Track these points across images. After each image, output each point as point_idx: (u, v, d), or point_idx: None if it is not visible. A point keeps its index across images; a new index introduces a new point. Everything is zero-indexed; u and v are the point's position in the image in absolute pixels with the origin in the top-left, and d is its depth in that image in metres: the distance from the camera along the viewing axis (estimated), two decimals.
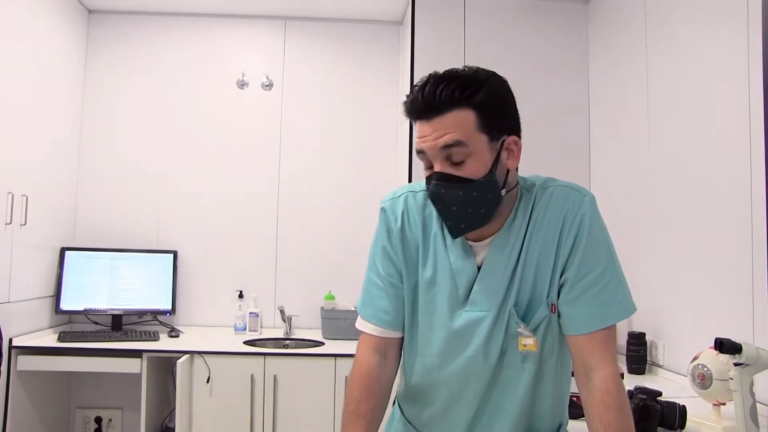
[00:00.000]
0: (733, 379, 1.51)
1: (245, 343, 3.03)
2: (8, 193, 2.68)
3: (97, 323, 3.24)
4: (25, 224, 2.80)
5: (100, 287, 3.18)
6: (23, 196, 2.79)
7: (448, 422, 1.20)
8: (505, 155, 1.09)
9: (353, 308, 3.19)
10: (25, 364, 2.75)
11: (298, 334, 3.28)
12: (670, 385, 2.21)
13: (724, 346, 1.49)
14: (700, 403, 1.73)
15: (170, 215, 3.43)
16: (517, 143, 1.10)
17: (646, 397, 1.59)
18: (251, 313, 3.29)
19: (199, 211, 3.44)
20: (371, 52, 3.56)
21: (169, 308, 3.26)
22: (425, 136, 1.07)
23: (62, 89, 3.22)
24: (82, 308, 3.14)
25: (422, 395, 1.23)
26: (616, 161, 2.88)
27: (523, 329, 1.12)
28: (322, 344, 3.07)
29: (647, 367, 2.49)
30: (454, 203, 1.08)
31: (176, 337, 3.11)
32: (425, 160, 1.11)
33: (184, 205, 3.44)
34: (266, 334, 3.28)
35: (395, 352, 1.23)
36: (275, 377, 2.80)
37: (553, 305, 1.12)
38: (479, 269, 1.15)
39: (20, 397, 2.78)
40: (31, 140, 2.89)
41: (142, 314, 3.29)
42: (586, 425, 1.07)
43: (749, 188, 1.93)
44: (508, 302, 1.13)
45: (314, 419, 2.79)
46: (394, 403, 1.34)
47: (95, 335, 2.96)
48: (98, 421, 3.27)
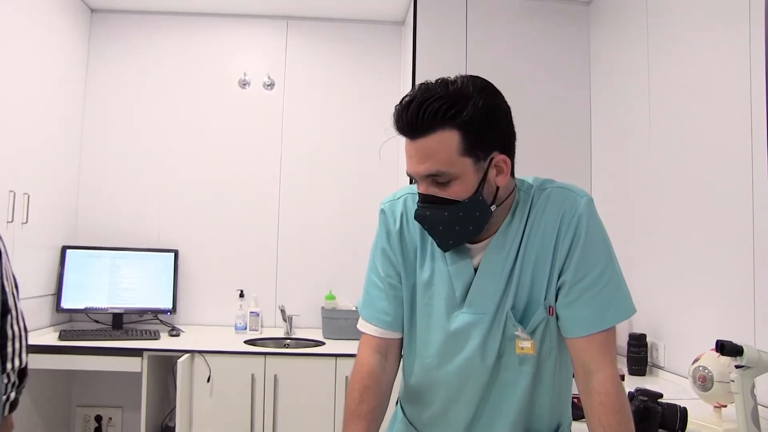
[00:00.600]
0: (734, 381, 1.50)
1: (246, 342, 3.03)
2: (10, 191, 2.69)
3: (97, 322, 3.24)
4: (26, 222, 2.81)
5: (100, 286, 3.18)
6: (25, 194, 2.79)
7: (447, 423, 1.20)
8: (493, 173, 1.07)
9: (354, 308, 3.19)
10: None
11: (298, 333, 3.28)
12: (670, 387, 2.21)
13: (725, 348, 1.49)
14: (701, 405, 1.73)
15: (171, 214, 3.43)
16: (506, 162, 1.07)
17: (646, 398, 1.59)
18: (252, 312, 3.29)
19: (200, 210, 3.45)
20: (373, 52, 3.56)
21: (169, 307, 3.26)
22: (410, 157, 1.06)
23: (64, 88, 3.22)
24: (82, 307, 3.15)
25: (421, 396, 1.23)
26: (617, 162, 2.87)
27: (520, 332, 1.12)
28: (322, 344, 3.07)
29: (648, 368, 2.48)
30: (439, 224, 1.08)
31: (177, 336, 3.11)
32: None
33: (185, 204, 3.44)
34: (267, 333, 3.28)
35: (396, 352, 1.24)
36: (276, 377, 2.80)
37: (550, 308, 1.12)
38: (476, 271, 1.14)
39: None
40: (32, 139, 2.89)
41: (142, 313, 3.29)
42: (586, 427, 1.07)
43: (751, 189, 1.92)
44: (505, 304, 1.12)
45: (314, 419, 2.79)
46: (396, 403, 1.34)
47: (96, 334, 2.96)
48: (98, 419, 3.28)
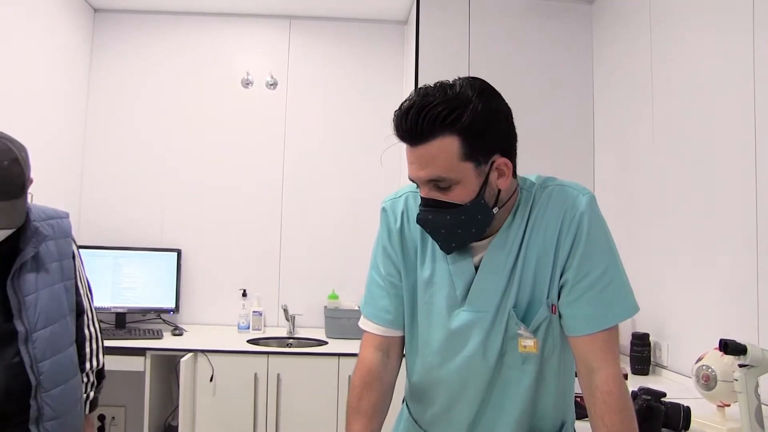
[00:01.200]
0: (737, 380, 1.50)
1: (249, 341, 3.04)
2: None
3: (100, 321, 3.22)
4: None
5: (103, 285, 3.18)
6: (29, 193, 2.79)
7: (449, 421, 1.20)
8: (494, 176, 1.06)
9: (357, 307, 3.19)
10: None
11: (301, 333, 3.29)
12: (674, 386, 2.20)
13: (728, 347, 1.49)
14: (704, 404, 1.72)
15: (174, 214, 3.44)
16: (507, 164, 1.07)
17: (650, 397, 1.59)
18: (255, 311, 3.29)
19: (203, 209, 3.45)
20: (376, 51, 3.56)
21: (172, 306, 3.27)
22: (411, 163, 1.07)
23: (67, 87, 3.23)
24: None
25: (424, 394, 1.23)
26: (619, 161, 2.86)
27: (523, 330, 1.11)
28: (325, 343, 3.08)
29: (651, 368, 2.48)
30: (442, 227, 1.09)
31: (180, 335, 3.11)
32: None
33: (188, 203, 3.45)
34: (270, 333, 3.28)
35: (398, 350, 1.24)
36: (278, 376, 2.80)
37: (553, 306, 1.11)
38: (477, 269, 1.14)
39: None
40: (35, 138, 2.87)
41: (145, 312, 3.30)
42: (589, 426, 1.07)
43: (754, 188, 1.92)
44: (506, 303, 1.12)
45: (317, 418, 2.80)
46: (403, 402, 1.34)
47: None
48: (101, 418, 3.28)
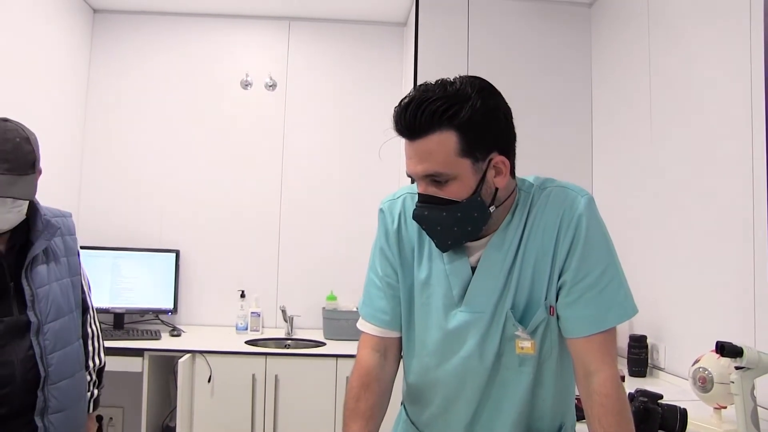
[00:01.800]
0: (734, 382, 1.51)
1: (247, 342, 3.04)
2: None
3: (100, 321, 3.24)
4: None
5: (102, 286, 3.17)
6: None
7: (447, 422, 1.20)
8: (492, 174, 1.07)
9: (355, 309, 3.19)
10: None
11: (299, 334, 3.29)
12: (671, 388, 2.21)
13: (725, 349, 1.49)
14: (701, 406, 1.73)
15: (173, 214, 3.44)
16: (505, 163, 1.07)
17: (647, 400, 1.59)
18: (253, 312, 3.29)
19: (201, 210, 3.45)
20: (375, 53, 3.56)
21: (171, 307, 3.26)
22: (409, 157, 1.07)
23: (66, 88, 3.23)
24: None
25: (421, 395, 1.23)
26: (618, 162, 2.87)
27: (520, 332, 1.11)
28: (323, 345, 3.08)
29: (648, 370, 2.48)
30: (437, 224, 1.09)
31: (178, 336, 3.11)
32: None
33: (186, 204, 3.45)
34: (268, 334, 3.28)
35: (395, 351, 1.24)
36: (276, 377, 2.80)
37: (551, 308, 1.11)
38: (474, 269, 1.14)
39: None
40: None
41: (144, 313, 3.30)
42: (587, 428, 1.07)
43: (751, 190, 1.92)
44: (504, 304, 1.12)
45: (315, 419, 2.79)
46: (401, 403, 1.34)
47: None
48: (99, 419, 3.25)
